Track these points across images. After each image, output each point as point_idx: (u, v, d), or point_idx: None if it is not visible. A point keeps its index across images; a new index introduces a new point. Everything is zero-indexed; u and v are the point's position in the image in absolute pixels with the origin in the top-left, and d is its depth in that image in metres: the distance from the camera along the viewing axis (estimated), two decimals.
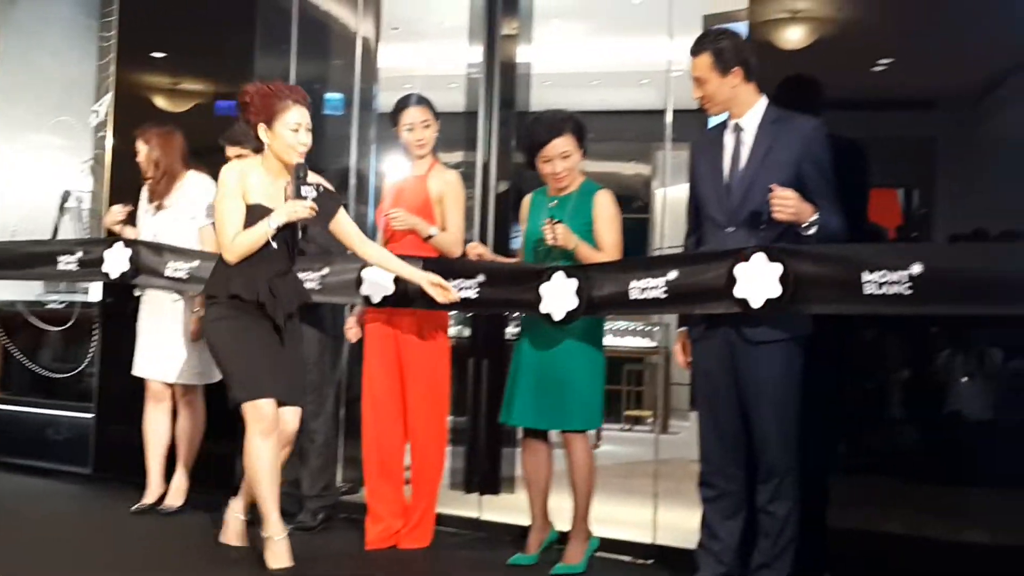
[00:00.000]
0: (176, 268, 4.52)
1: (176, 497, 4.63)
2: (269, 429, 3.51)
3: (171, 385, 4.65)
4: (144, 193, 4.76)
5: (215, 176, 4.69)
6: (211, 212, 4.60)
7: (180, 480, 4.65)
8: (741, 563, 3.34)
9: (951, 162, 3.60)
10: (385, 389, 4.05)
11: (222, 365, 3.59)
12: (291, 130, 3.49)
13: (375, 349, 4.08)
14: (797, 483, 3.26)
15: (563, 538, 3.83)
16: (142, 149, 4.68)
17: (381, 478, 4.05)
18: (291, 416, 3.63)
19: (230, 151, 4.39)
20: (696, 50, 3.32)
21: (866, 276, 2.97)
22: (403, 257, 3.78)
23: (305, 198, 3.49)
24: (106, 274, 4.73)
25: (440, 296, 3.60)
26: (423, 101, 4.08)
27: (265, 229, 3.48)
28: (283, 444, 3.62)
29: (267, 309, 3.51)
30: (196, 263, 4.48)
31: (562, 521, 3.86)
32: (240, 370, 3.52)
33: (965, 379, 3.44)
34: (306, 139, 3.53)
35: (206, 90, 5.39)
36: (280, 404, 3.56)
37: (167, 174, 4.63)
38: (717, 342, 3.30)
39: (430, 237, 3.94)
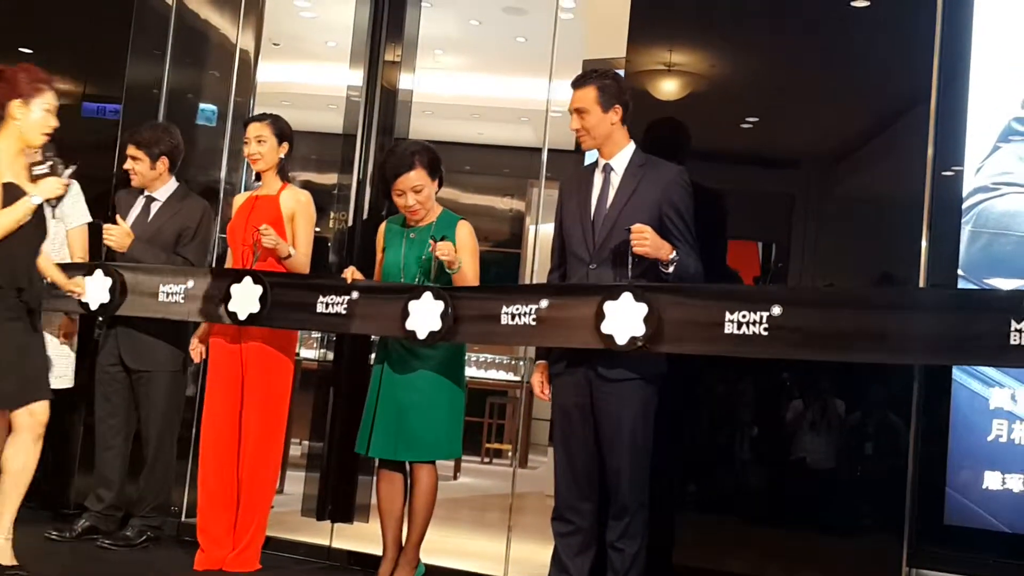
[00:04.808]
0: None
1: None
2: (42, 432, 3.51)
3: None
4: None
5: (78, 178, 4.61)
6: (81, 214, 4.51)
7: None
8: None
9: (808, 219, 3.76)
10: (225, 410, 3.97)
11: None
12: (46, 111, 3.54)
13: (219, 368, 4.01)
14: (647, 521, 3.32)
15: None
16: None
17: (214, 500, 3.95)
18: (42, 408, 3.54)
19: (133, 151, 4.30)
20: (581, 82, 3.40)
21: (728, 316, 3.04)
22: (268, 273, 3.84)
23: (60, 175, 3.56)
24: None
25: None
26: (266, 117, 4.10)
27: (29, 205, 3.45)
28: (37, 438, 3.52)
29: (23, 295, 3.47)
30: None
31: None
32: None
33: (810, 427, 3.58)
34: (55, 123, 3.59)
35: (74, 90, 5.19)
36: (32, 400, 3.50)
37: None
38: (577, 379, 3.34)
39: (288, 256, 3.93)
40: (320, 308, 3.76)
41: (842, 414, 3.57)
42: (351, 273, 3.82)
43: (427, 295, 3.53)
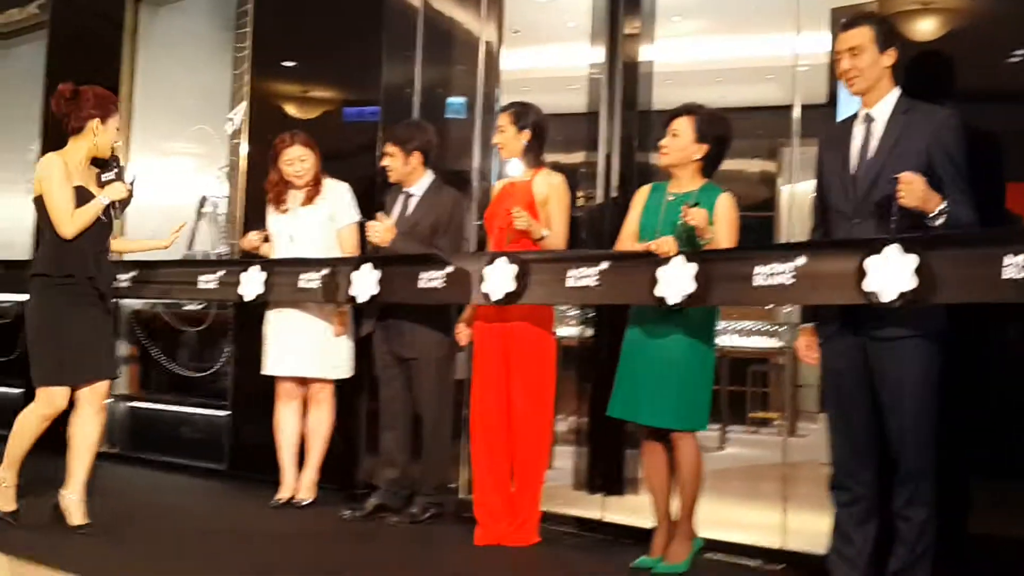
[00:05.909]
0: (309, 279, 4.62)
1: (308, 492, 4.77)
2: (52, 415, 4.01)
3: (303, 383, 4.79)
4: (271, 197, 4.84)
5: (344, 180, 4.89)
6: (351, 213, 4.78)
7: (311, 475, 4.79)
8: (875, 570, 3.25)
9: None
10: (492, 390, 4.11)
11: (32, 344, 4.02)
12: (116, 129, 4.18)
13: (483, 348, 4.16)
14: (935, 487, 3.15)
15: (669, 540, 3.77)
16: (308, 154, 4.76)
17: (488, 478, 4.12)
18: (105, 388, 4.09)
19: (389, 148, 4.51)
20: (856, 22, 3.28)
21: (1008, 260, 2.76)
22: (520, 252, 3.93)
23: (125, 181, 4.13)
24: (240, 296, 4.86)
25: None
26: (509, 107, 4.21)
27: (101, 203, 4.03)
28: (99, 411, 4.07)
29: (95, 282, 4.00)
30: (327, 271, 4.56)
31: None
32: (47, 355, 3.99)
33: None
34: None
35: (335, 97, 5.53)
36: (98, 380, 4.03)
37: (320, 178, 4.80)
38: (848, 341, 3.22)
39: (541, 238, 4.01)
40: (571, 282, 3.79)
41: None
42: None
43: (678, 259, 3.50)
